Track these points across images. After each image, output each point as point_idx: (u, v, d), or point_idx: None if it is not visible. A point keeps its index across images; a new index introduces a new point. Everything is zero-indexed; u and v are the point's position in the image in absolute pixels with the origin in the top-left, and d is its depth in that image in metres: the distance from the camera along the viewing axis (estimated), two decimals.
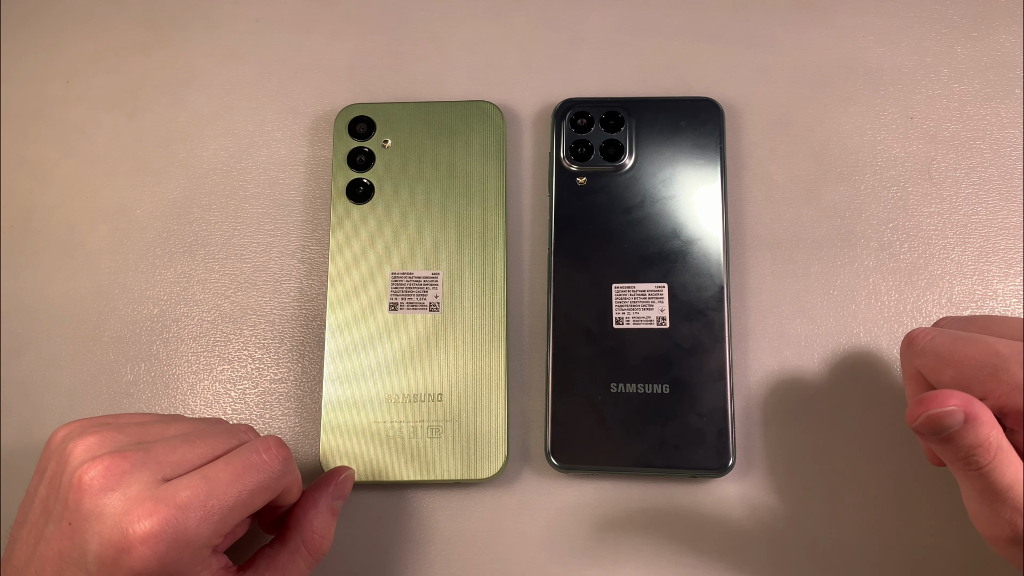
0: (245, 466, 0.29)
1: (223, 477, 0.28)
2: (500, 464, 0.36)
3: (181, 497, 0.27)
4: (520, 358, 0.39)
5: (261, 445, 0.30)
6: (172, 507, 0.26)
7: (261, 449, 0.30)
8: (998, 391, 0.27)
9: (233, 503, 0.28)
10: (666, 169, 0.39)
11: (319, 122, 0.43)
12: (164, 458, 0.28)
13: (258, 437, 0.31)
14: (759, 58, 0.43)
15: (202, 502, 0.27)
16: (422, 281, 0.38)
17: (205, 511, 0.27)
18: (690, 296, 0.37)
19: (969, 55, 0.42)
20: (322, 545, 0.32)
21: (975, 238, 0.40)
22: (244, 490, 0.28)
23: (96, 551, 0.26)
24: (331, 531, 0.33)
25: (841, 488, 0.36)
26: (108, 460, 0.27)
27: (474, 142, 0.40)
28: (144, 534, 0.26)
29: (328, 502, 0.33)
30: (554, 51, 0.43)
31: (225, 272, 0.41)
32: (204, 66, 0.44)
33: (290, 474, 0.31)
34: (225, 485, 0.28)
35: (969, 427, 0.26)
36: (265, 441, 0.30)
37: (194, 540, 0.27)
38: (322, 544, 0.32)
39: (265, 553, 0.32)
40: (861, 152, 0.41)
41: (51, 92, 0.44)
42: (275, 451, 0.30)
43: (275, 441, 0.30)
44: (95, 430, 0.29)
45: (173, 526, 0.26)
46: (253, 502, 0.29)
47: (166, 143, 0.43)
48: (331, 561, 0.36)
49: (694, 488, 0.37)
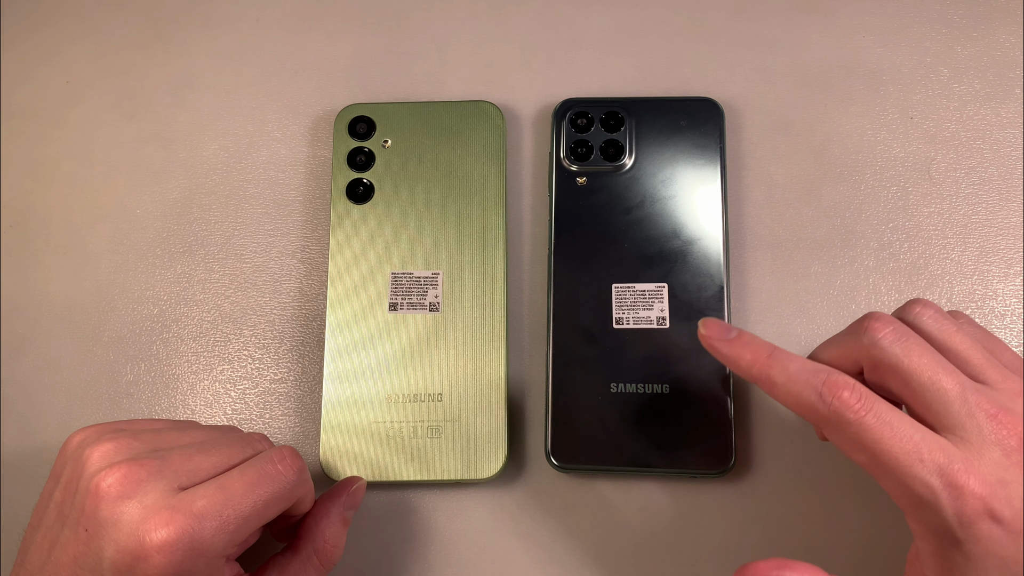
0: (260, 476, 0.29)
1: (238, 487, 0.28)
2: (500, 464, 0.36)
3: (198, 507, 0.27)
4: (520, 358, 0.39)
5: (276, 456, 0.30)
6: (189, 516, 0.27)
7: (276, 459, 0.30)
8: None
9: (248, 513, 0.28)
10: (666, 169, 0.39)
11: (319, 122, 0.43)
12: (180, 467, 0.28)
13: (272, 447, 0.31)
14: (759, 58, 0.43)
15: (218, 512, 0.27)
16: (422, 281, 0.38)
17: (221, 521, 0.27)
18: (690, 296, 0.37)
19: (969, 55, 0.42)
20: (333, 555, 0.33)
21: (975, 238, 0.40)
22: (259, 500, 0.29)
23: (112, 558, 0.26)
24: (342, 541, 0.33)
25: (841, 488, 0.36)
26: (125, 467, 0.28)
27: (474, 142, 0.40)
28: (161, 542, 0.26)
29: (340, 512, 0.33)
30: (554, 51, 0.43)
31: (225, 272, 0.41)
32: (204, 66, 0.44)
33: (304, 484, 0.31)
34: (240, 495, 0.28)
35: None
36: (280, 452, 0.30)
37: (209, 549, 0.27)
38: (333, 554, 0.33)
39: (277, 562, 0.32)
40: (861, 152, 0.41)
41: (51, 92, 0.44)
42: (290, 461, 0.30)
43: (290, 451, 0.30)
44: (111, 436, 0.29)
45: (189, 535, 0.26)
46: (268, 512, 0.29)
47: (166, 143, 0.43)
48: None
49: (694, 488, 0.37)
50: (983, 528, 0.25)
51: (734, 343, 0.31)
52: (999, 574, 0.25)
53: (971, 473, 0.26)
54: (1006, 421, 0.27)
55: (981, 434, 0.26)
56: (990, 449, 0.26)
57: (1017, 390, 0.28)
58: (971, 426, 0.27)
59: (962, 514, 0.25)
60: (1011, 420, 0.27)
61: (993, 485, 0.26)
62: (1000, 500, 0.25)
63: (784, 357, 0.30)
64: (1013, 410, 0.27)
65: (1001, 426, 0.27)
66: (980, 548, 0.25)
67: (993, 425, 0.27)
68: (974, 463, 0.26)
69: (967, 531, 0.25)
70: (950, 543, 0.26)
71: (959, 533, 0.25)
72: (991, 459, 0.26)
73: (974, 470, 0.26)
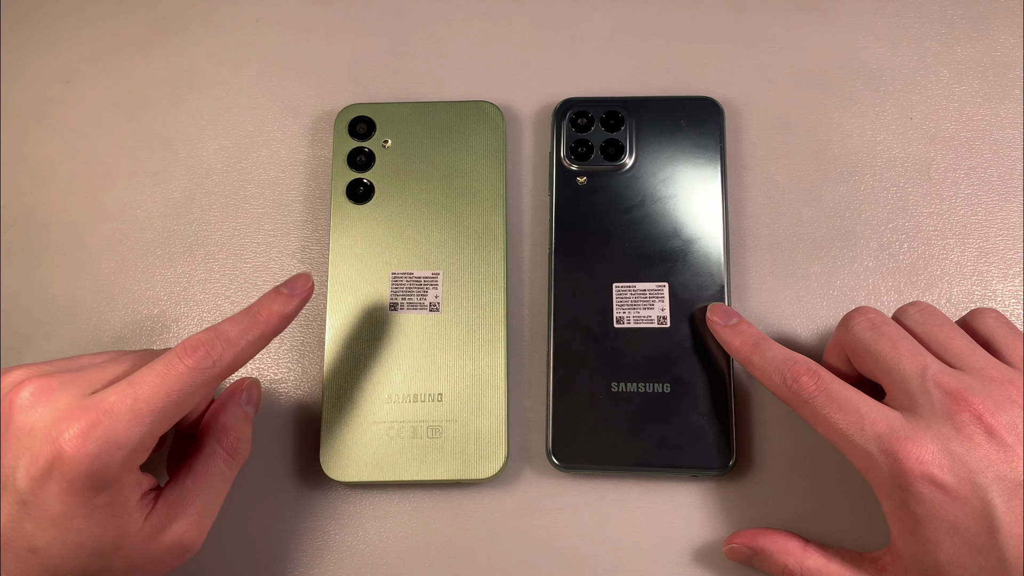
0: (168, 369, 0.29)
1: (149, 381, 0.28)
2: (500, 464, 0.36)
3: (108, 402, 0.27)
4: (520, 358, 0.39)
5: (179, 350, 0.29)
6: (100, 412, 0.27)
7: (183, 354, 0.29)
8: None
9: (162, 404, 0.28)
10: (666, 168, 0.39)
11: (319, 122, 0.43)
12: (94, 376, 0.29)
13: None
14: (759, 58, 0.43)
15: (129, 406, 0.27)
16: (422, 281, 0.38)
17: (134, 414, 0.27)
18: (691, 295, 0.37)
19: (969, 55, 0.42)
20: (238, 446, 0.33)
21: (974, 239, 0.40)
22: (172, 391, 0.28)
23: (27, 465, 0.27)
24: (247, 434, 0.33)
25: (841, 488, 0.36)
26: (37, 381, 0.28)
27: (474, 142, 0.40)
28: (73, 437, 0.26)
29: (239, 407, 0.34)
30: (554, 51, 0.43)
31: (225, 272, 0.41)
32: (204, 66, 0.44)
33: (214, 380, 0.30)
34: (151, 389, 0.28)
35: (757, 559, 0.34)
36: (183, 345, 0.29)
37: (126, 442, 0.27)
38: (238, 445, 0.33)
39: (183, 468, 0.32)
40: (861, 152, 0.41)
41: (51, 92, 0.44)
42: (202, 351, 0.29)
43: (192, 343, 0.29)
44: (23, 366, 0.30)
45: (103, 427, 0.27)
46: (183, 403, 0.29)
47: (166, 143, 0.43)
48: (331, 561, 0.36)
49: (695, 487, 0.37)
50: (924, 490, 0.28)
51: (730, 328, 0.35)
52: (948, 536, 0.28)
53: (909, 441, 0.29)
54: (962, 399, 0.29)
55: (933, 409, 0.29)
56: (940, 423, 0.29)
57: (992, 375, 0.30)
58: (924, 402, 0.29)
59: (899, 475, 0.28)
60: (970, 399, 0.29)
61: (935, 454, 0.28)
62: (943, 468, 0.28)
63: (767, 346, 0.34)
64: (976, 391, 0.29)
65: (955, 402, 0.29)
66: (924, 509, 0.28)
67: (947, 401, 0.29)
68: (918, 434, 0.29)
69: (907, 492, 0.28)
70: (899, 503, 0.29)
71: (901, 494, 0.29)
72: (938, 431, 0.29)
73: (914, 438, 0.29)
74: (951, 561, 0.28)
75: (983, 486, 0.28)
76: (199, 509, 0.31)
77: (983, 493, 0.28)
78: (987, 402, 0.29)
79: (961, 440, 0.28)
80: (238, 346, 0.30)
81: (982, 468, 0.28)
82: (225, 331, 0.30)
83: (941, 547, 0.28)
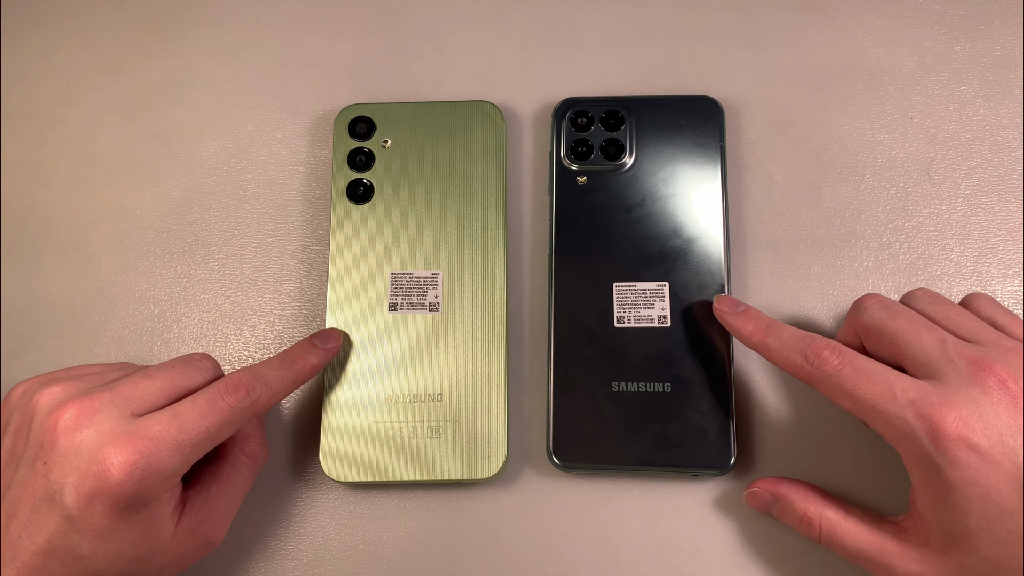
0: (211, 405, 0.31)
1: (191, 415, 0.30)
2: (500, 464, 0.36)
3: (154, 431, 0.29)
4: (520, 358, 0.39)
5: (224, 387, 0.32)
6: (146, 440, 0.29)
7: (225, 391, 0.31)
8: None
9: (202, 438, 0.30)
10: (666, 168, 0.39)
11: (319, 122, 0.43)
12: (129, 394, 0.30)
13: (222, 375, 0.33)
14: (759, 58, 0.43)
15: (173, 436, 0.30)
16: (422, 281, 0.38)
17: (176, 444, 0.30)
18: (691, 295, 0.37)
19: (969, 55, 0.42)
20: (259, 452, 0.35)
21: (974, 239, 0.40)
22: (212, 427, 0.31)
23: (75, 483, 0.28)
24: (264, 439, 0.36)
25: (841, 488, 0.36)
26: (78, 402, 0.30)
27: (474, 142, 0.40)
28: (121, 463, 0.28)
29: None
30: (554, 51, 0.43)
31: (225, 272, 0.41)
32: (204, 66, 0.44)
33: (251, 411, 0.32)
34: (193, 422, 0.30)
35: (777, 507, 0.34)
36: (226, 383, 0.32)
37: (166, 470, 0.29)
38: (259, 451, 0.35)
39: (207, 469, 0.34)
40: (861, 152, 0.41)
41: (51, 92, 0.44)
42: (243, 392, 0.32)
43: (234, 382, 0.32)
44: (55, 381, 0.31)
45: (147, 457, 0.29)
46: (219, 436, 0.31)
47: (166, 143, 0.43)
48: (331, 561, 0.36)
49: (696, 487, 0.37)
50: (960, 454, 0.28)
51: (740, 316, 0.35)
52: (980, 501, 0.28)
53: (944, 405, 0.28)
54: (986, 366, 0.29)
55: (960, 376, 0.29)
56: (968, 388, 0.29)
57: (1007, 346, 0.30)
58: (950, 370, 0.29)
59: (936, 440, 0.28)
60: (993, 366, 0.29)
61: (968, 417, 0.28)
62: (976, 431, 0.28)
63: (780, 328, 0.33)
64: (997, 359, 0.29)
65: (980, 369, 0.29)
66: (958, 474, 0.28)
67: (972, 369, 0.29)
68: (950, 397, 0.29)
69: (943, 456, 0.28)
70: (932, 471, 0.29)
71: (937, 459, 0.28)
72: (968, 395, 0.29)
73: (948, 403, 0.28)
74: (979, 525, 0.28)
75: (1015, 449, 0.28)
76: (224, 511, 0.33)
77: (1015, 456, 0.28)
78: (1009, 369, 0.29)
79: (991, 404, 0.28)
80: (273, 389, 0.33)
81: (1012, 431, 0.28)
82: (264, 375, 0.33)
83: (971, 512, 0.28)
